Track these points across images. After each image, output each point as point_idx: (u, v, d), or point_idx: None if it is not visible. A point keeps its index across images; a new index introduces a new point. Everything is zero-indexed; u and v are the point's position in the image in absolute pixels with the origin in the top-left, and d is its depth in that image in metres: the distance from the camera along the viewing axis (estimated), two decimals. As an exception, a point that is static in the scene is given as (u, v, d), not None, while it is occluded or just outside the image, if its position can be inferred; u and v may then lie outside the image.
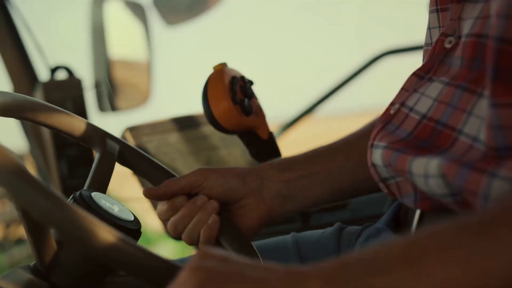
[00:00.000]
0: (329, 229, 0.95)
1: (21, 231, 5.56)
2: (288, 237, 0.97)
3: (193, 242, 0.86)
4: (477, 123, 0.61)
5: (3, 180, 0.60)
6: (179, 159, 1.19)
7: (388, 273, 0.47)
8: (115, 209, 0.74)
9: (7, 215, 5.39)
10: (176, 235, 0.87)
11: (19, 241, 5.27)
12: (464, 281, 0.46)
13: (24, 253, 4.89)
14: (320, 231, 0.96)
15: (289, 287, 0.49)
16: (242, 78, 0.97)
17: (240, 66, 1.01)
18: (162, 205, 0.86)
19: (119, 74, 1.74)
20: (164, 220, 0.87)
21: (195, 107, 1.19)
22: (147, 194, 0.86)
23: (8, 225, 5.43)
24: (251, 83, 0.98)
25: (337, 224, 0.96)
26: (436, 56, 0.71)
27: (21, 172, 0.61)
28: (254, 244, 0.89)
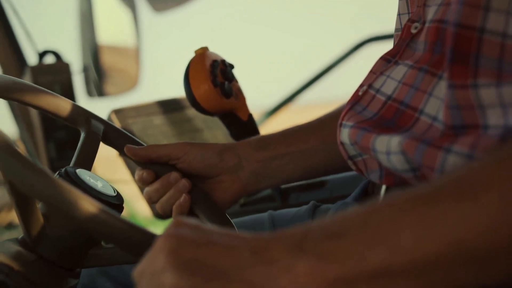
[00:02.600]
0: (304, 207, 1.00)
1: (11, 216, 5.59)
2: (265, 214, 1.02)
3: (165, 213, 0.92)
4: (436, 104, 0.65)
5: None
6: (163, 141, 1.23)
7: (344, 237, 0.51)
8: (99, 185, 0.78)
9: (-4, 200, 5.41)
10: (150, 203, 0.93)
11: (9, 226, 5.30)
12: (415, 246, 0.49)
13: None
14: (295, 209, 1.01)
15: (255, 252, 0.53)
16: (223, 61, 1.01)
17: (224, 52, 1.05)
18: (140, 172, 0.91)
19: (107, 60, 1.76)
20: (141, 186, 0.93)
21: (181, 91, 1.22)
22: (128, 150, 0.91)
23: (-1, 211, 5.45)
24: (231, 66, 1.02)
25: (312, 202, 1.00)
26: (403, 41, 0.75)
27: (9, 147, 0.64)
28: (232, 221, 0.93)
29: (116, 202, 0.78)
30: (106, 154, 0.89)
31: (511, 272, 0.49)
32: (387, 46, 0.79)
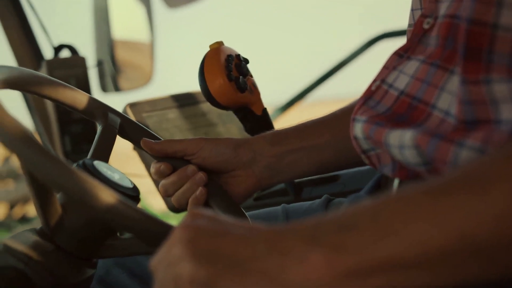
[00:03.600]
0: (317, 201, 1.01)
1: (24, 210, 5.62)
2: (279, 208, 1.03)
3: (181, 206, 0.93)
4: (448, 98, 0.66)
5: (14, 146, 0.66)
6: (177, 135, 1.24)
7: (356, 229, 0.52)
8: (116, 177, 0.79)
9: (10, 194, 5.44)
10: (166, 196, 0.94)
11: (22, 220, 5.33)
12: (426, 238, 0.50)
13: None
14: (309, 202, 1.02)
15: (270, 243, 0.54)
16: (238, 56, 1.02)
17: (238, 48, 1.06)
18: (157, 164, 0.92)
19: (121, 55, 1.77)
20: (158, 179, 0.94)
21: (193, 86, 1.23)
22: (144, 144, 0.92)
23: (12, 205, 5.48)
24: (246, 61, 1.03)
25: (325, 196, 1.01)
26: (415, 36, 0.76)
27: (29, 139, 0.66)
28: (246, 214, 0.94)
29: (133, 193, 0.79)
30: (114, 149, 0.90)
31: None
32: (400, 42, 0.80)
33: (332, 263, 0.51)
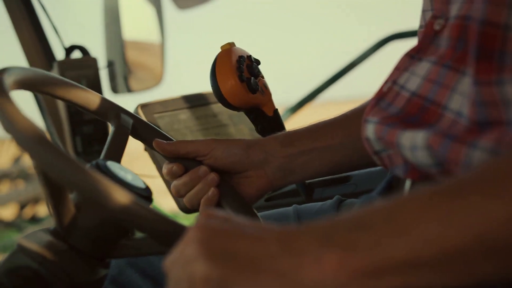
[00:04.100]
0: (329, 201, 1.01)
1: (34, 210, 5.65)
2: (290, 209, 1.03)
3: (193, 206, 0.93)
4: (460, 99, 0.66)
5: (29, 147, 0.66)
6: (189, 136, 1.24)
7: (371, 229, 0.52)
8: (129, 177, 0.80)
9: (21, 195, 5.47)
10: (178, 197, 0.94)
11: (32, 220, 5.36)
12: (440, 238, 0.50)
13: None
14: (320, 203, 1.02)
15: (284, 244, 0.54)
16: (249, 57, 1.03)
17: (248, 48, 1.06)
18: (170, 165, 0.92)
19: (132, 56, 1.78)
20: (170, 179, 0.94)
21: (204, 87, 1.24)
22: (157, 145, 0.93)
23: (22, 205, 5.51)
24: (258, 62, 1.03)
25: (336, 197, 1.01)
26: (426, 37, 0.76)
27: (43, 139, 0.67)
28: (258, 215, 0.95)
29: (145, 194, 0.79)
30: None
31: None
32: (410, 43, 0.80)
33: (347, 263, 0.51)
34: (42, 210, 5.64)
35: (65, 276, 0.75)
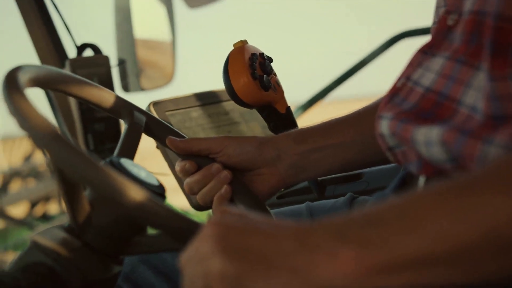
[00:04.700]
0: (341, 199, 1.01)
1: (45, 208, 5.67)
2: (303, 206, 1.04)
3: (206, 204, 0.94)
4: (474, 94, 0.66)
5: (45, 144, 0.67)
6: (200, 133, 1.25)
7: (386, 226, 0.53)
8: (142, 174, 0.80)
9: (32, 193, 5.49)
10: (191, 194, 0.95)
11: (43, 218, 5.37)
12: (450, 234, 0.51)
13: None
14: (333, 200, 1.02)
15: (298, 240, 0.54)
16: (262, 55, 1.03)
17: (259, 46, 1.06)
18: (182, 163, 0.92)
19: (143, 54, 1.78)
20: (183, 177, 0.95)
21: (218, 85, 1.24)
22: (170, 142, 0.93)
23: (33, 203, 5.53)
24: (270, 60, 1.04)
25: (349, 194, 1.02)
26: (440, 33, 0.76)
27: (59, 137, 0.67)
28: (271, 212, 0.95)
29: (159, 191, 0.80)
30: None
31: None
32: (421, 41, 0.80)
33: (361, 259, 0.52)
34: (53, 208, 5.66)
35: (79, 273, 0.75)
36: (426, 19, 0.86)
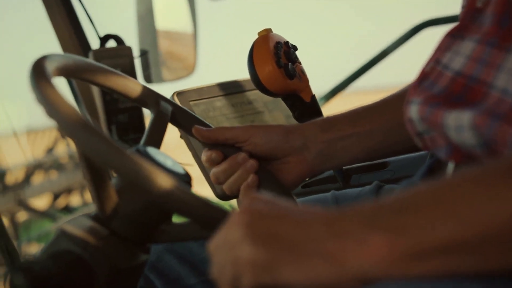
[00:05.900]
0: (367, 187, 1.01)
1: (67, 200, 5.71)
2: (328, 194, 1.03)
3: (232, 193, 0.93)
4: (505, 77, 0.65)
5: (73, 132, 0.67)
6: (224, 123, 1.24)
7: (415, 212, 0.52)
8: (168, 163, 0.80)
9: (54, 185, 5.53)
10: (218, 184, 0.95)
11: (66, 209, 5.41)
12: (485, 218, 0.50)
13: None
14: (359, 189, 1.02)
15: (329, 226, 0.54)
16: (286, 43, 1.03)
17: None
18: (209, 152, 0.92)
19: (165, 45, 1.79)
20: (209, 166, 0.95)
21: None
22: (196, 131, 0.93)
23: (56, 195, 5.58)
24: (295, 48, 1.03)
25: (375, 182, 1.01)
26: (468, 16, 0.74)
27: (88, 125, 0.67)
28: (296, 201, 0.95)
29: (186, 179, 0.80)
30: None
31: None
32: (444, 30, 0.79)
33: (392, 245, 0.51)
34: (75, 200, 5.70)
35: (107, 261, 0.76)
36: (450, 8, 0.85)
